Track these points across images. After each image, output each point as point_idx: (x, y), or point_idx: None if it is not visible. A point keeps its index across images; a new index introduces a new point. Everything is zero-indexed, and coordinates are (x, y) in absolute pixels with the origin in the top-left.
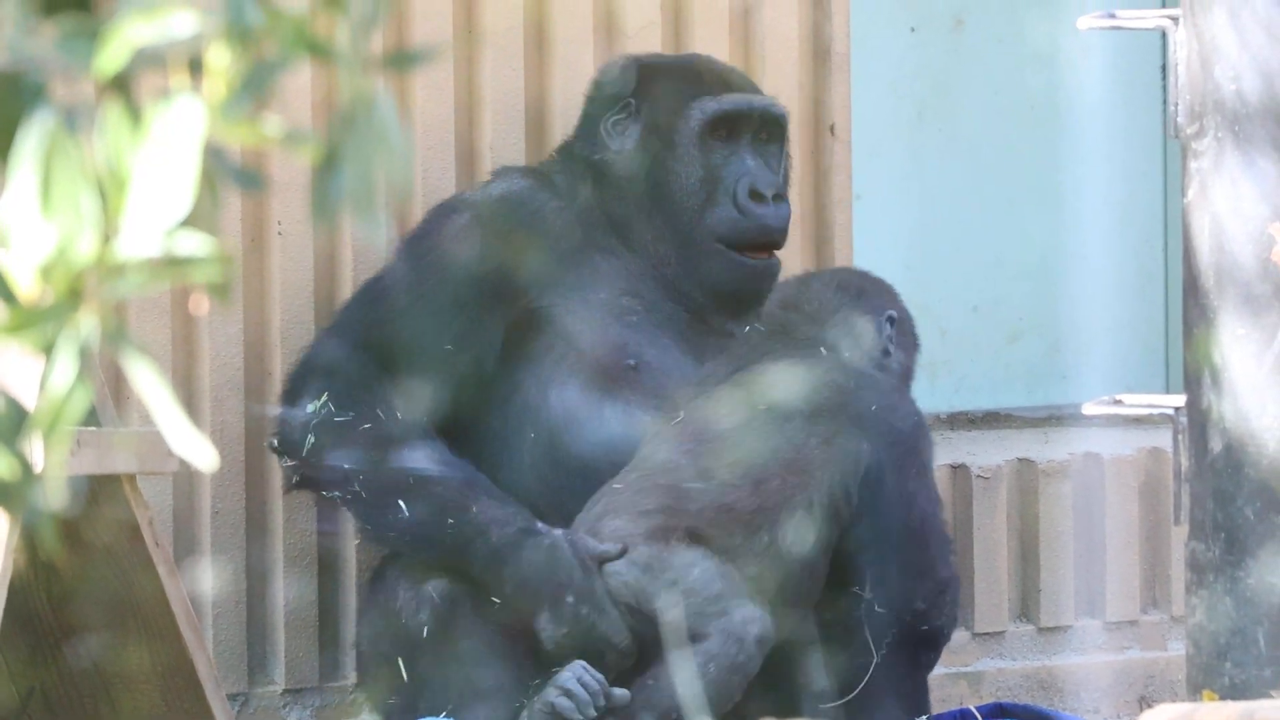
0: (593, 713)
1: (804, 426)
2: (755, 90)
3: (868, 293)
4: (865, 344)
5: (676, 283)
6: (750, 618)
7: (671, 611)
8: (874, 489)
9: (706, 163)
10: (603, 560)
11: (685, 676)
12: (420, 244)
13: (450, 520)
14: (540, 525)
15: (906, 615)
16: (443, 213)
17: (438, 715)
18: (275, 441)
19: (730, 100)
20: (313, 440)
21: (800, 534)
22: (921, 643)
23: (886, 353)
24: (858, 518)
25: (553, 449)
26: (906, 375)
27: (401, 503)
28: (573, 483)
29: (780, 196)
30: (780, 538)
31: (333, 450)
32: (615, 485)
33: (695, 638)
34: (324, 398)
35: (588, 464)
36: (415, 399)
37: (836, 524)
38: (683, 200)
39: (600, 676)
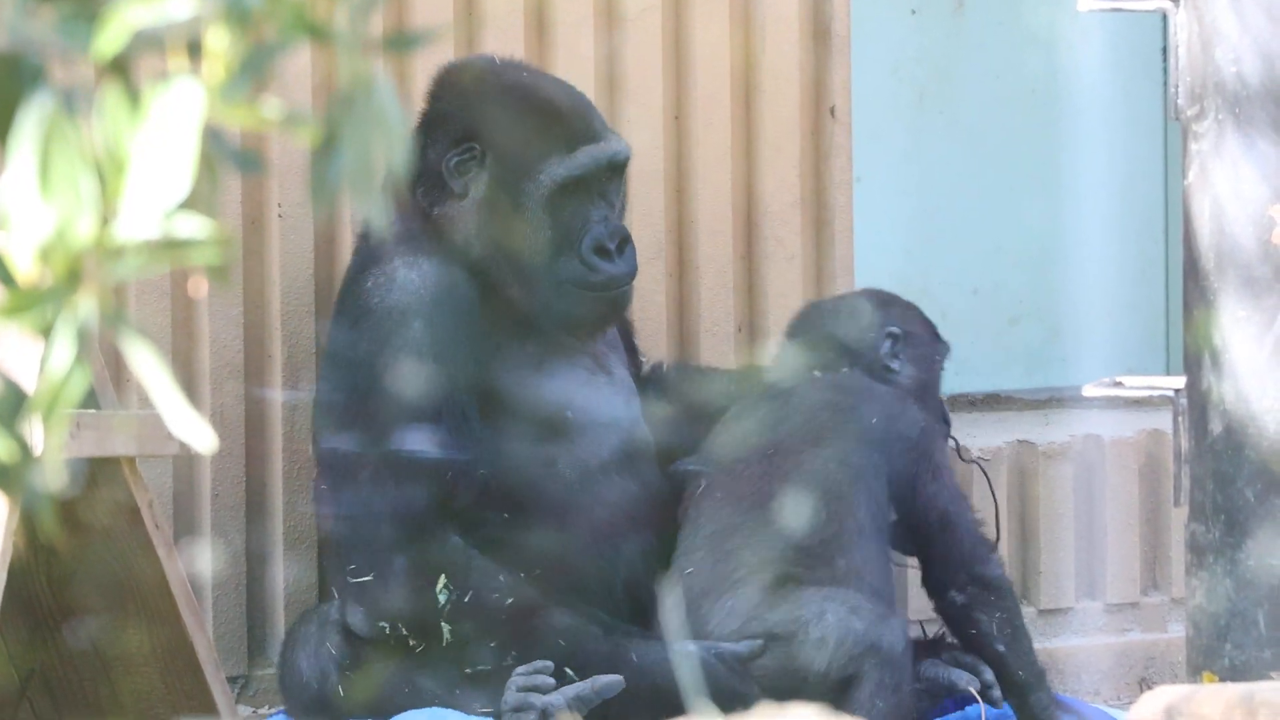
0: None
1: (817, 453)
2: (600, 129)
3: (867, 311)
4: (865, 361)
5: (534, 319)
6: (894, 632)
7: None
8: (898, 498)
9: (555, 221)
10: (750, 659)
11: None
12: (364, 364)
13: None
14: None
15: (944, 609)
16: (367, 323)
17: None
18: (394, 629)
19: (581, 162)
20: (450, 629)
21: (866, 553)
22: (968, 642)
23: (888, 368)
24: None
25: (532, 518)
26: (919, 386)
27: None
28: (562, 548)
29: (625, 241)
30: (852, 561)
31: (479, 630)
32: (688, 570)
33: (852, 680)
34: (441, 583)
35: (563, 522)
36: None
37: (887, 533)
38: (532, 256)
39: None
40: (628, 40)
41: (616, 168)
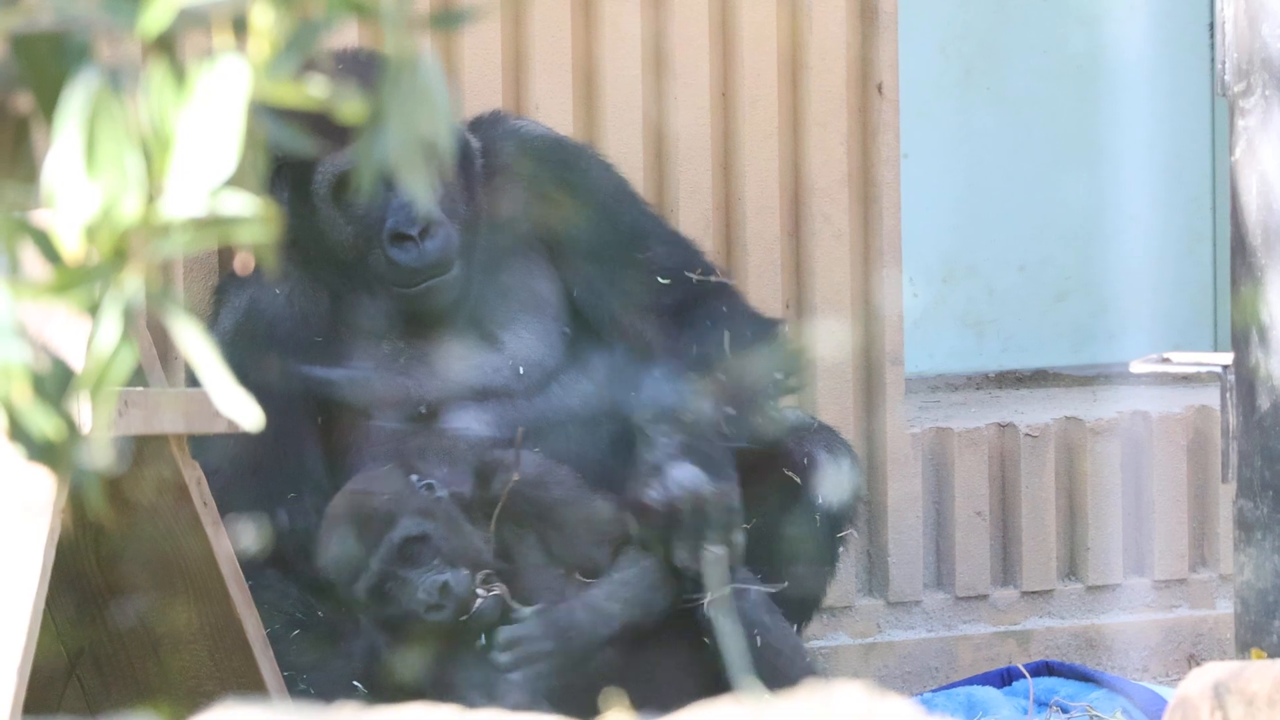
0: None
1: None
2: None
3: None
4: None
5: (372, 319)
6: None
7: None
8: None
9: (349, 217)
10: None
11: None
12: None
13: None
14: None
15: None
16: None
17: None
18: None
19: (348, 157)
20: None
21: None
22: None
23: None
24: None
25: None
26: None
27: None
28: None
29: (430, 225)
30: None
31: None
32: None
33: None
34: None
35: None
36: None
37: None
38: (341, 255)
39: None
40: (674, 18)
41: None
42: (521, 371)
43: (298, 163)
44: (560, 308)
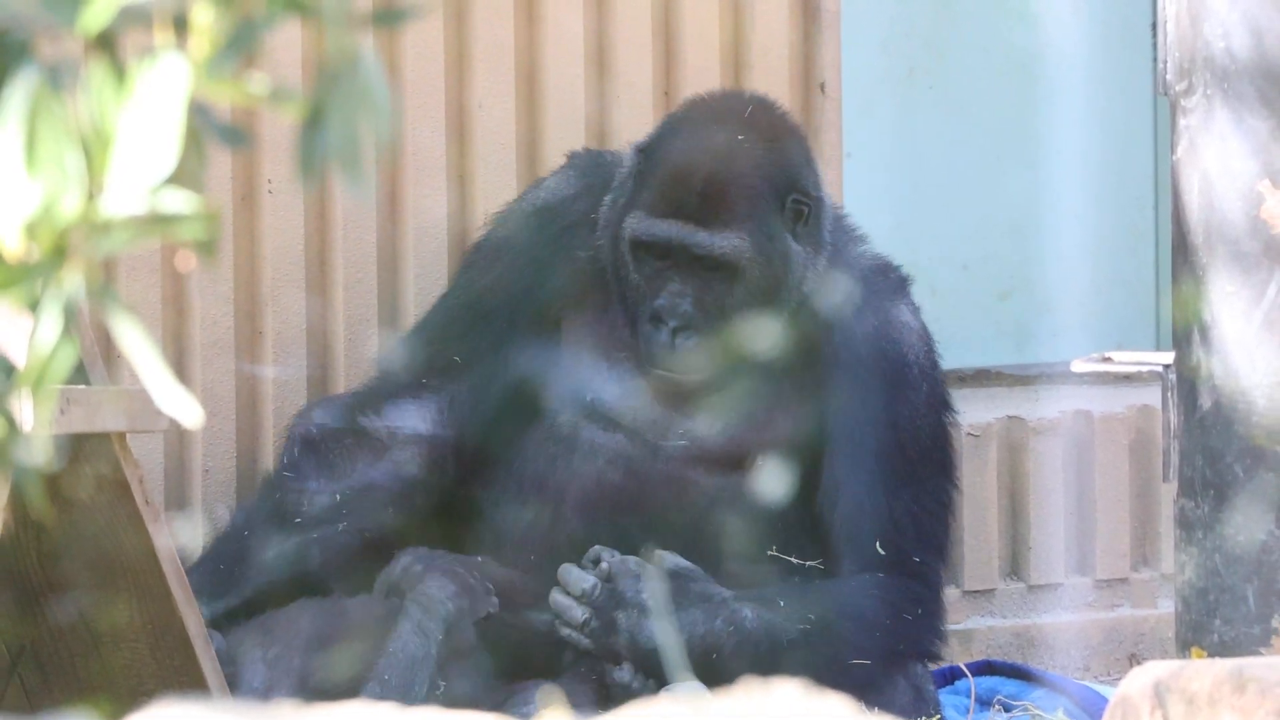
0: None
1: None
2: (704, 217)
3: None
4: None
5: (616, 339)
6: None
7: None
8: None
9: (639, 271)
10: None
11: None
12: (471, 250)
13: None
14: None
15: None
16: (493, 223)
17: None
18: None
19: (657, 230)
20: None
21: None
22: None
23: None
24: None
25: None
26: None
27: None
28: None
29: (686, 329)
30: None
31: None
32: None
33: None
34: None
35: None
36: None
37: None
38: (622, 286)
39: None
40: (616, 17)
41: (690, 255)
42: (680, 443)
43: (635, 185)
44: (764, 441)
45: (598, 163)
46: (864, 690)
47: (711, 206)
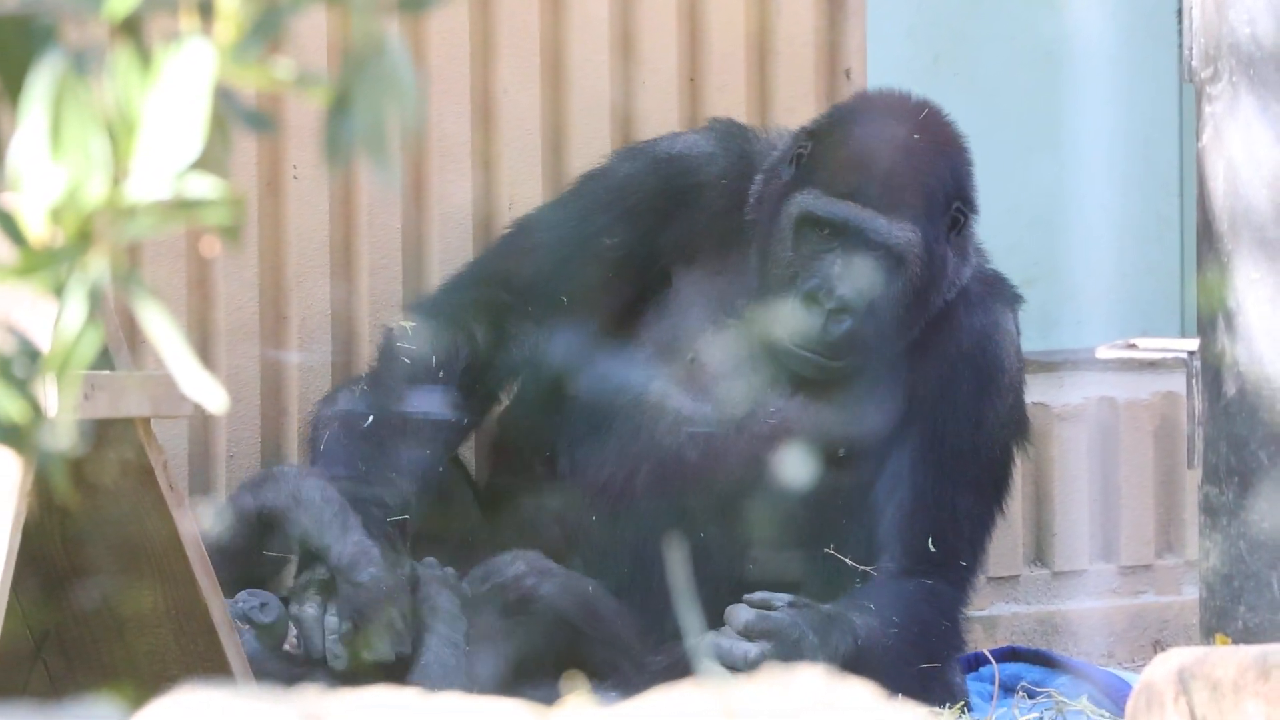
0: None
1: None
2: (878, 201)
3: None
4: None
5: (729, 304)
6: None
7: None
8: None
9: (797, 248)
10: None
11: None
12: (576, 184)
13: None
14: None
15: None
16: (616, 157)
17: None
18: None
19: (829, 209)
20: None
21: None
22: None
23: None
24: None
25: (604, 432)
26: None
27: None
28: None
29: (842, 311)
30: None
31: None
32: None
33: None
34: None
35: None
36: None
37: None
38: (764, 260)
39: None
40: (642, 3)
41: (864, 240)
42: (745, 426)
43: (807, 166)
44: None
45: (739, 134)
46: (916, 690)
47: (892, 195)
